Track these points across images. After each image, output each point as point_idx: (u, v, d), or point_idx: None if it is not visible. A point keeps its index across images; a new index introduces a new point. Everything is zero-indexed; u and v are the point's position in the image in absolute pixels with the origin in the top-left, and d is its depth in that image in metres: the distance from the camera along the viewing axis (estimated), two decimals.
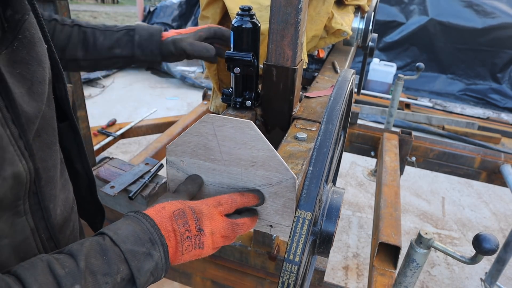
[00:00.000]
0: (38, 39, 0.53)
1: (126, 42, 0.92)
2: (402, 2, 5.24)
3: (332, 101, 0.61)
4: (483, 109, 4.76)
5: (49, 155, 0.55)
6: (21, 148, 0.46)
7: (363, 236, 2.64)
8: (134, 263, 0.47)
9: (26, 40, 0.51)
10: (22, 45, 0.50)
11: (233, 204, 0.60)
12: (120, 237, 0.48)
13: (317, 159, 0.54)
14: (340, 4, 1.38)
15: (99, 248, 0.46)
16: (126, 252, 0.47)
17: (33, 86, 0.50)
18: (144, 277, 0.48)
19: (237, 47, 0.87)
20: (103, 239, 0.48)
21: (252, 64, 0.87)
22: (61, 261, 0.43)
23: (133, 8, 9.41)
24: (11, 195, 0.45)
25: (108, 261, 0.45)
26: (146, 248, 0.48)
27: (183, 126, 2.31)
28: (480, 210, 3.01)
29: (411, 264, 1.03)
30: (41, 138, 0.53)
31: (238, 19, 0.85)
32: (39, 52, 0.53)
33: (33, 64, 0.51)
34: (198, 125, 0.61)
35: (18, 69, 0.49)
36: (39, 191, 0.52)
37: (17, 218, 0.48)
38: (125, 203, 1.25)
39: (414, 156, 2.34)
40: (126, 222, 0.50)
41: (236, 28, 0.85)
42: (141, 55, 0.94)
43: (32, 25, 0.53)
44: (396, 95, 2.72)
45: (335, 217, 0.64)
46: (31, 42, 0.51)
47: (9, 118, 0.45)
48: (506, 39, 4.75)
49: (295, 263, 0.51)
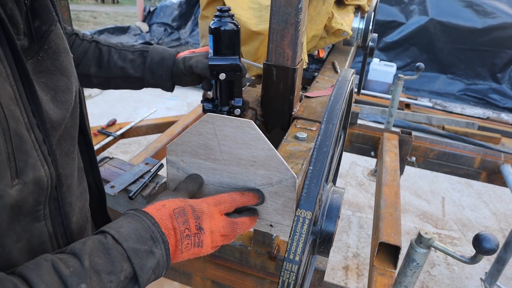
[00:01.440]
0: (63, 49, 0.55)
1: (139, 64, 0.91)
2: (402, 2, 5.24)
3: (332, 101, 0.61)
4: (483, 109, 4.76)
5: (67, 162, 0.56)
6: (44, 153, 0.47)
7: (363, 236, 2.64)
8: (137, 261, 0.47)
9: (51, 51, 0.53)
10: (47, 55, 0.52)
11: (233, 203, 0.60)
12: (122, 235, 0.48)
13: (317, 159, 0.54)
14: (340, 4, 1.39)
15: (102, 247, 0.46)
16: (128, 250, 0.47)
17: (56, 95, 0.52)
18: (146, 274, 0.48)
19: (218, 51, 0.82)
20: (105, 237, 0.48)
21: (240, 68, 0.82)
22: (65, 260, 0.43)
23: (133, 8, 9.41)
24: (32, 200, 0.45)
25: (111, 260, 0.45)
26: (148, 246, 0.49)
27: (183, 126, 2.31)
28: (480, 210, 3.01)
29: (411, 264, 1.03)
30: (61, 146, 0.55)
31: (216, 21, 0.79)
32: (64, 62, 0.54)
33: (57, 74, 0.53)
34: (198, 125, 0.61)
35: (42, 78, 0.51)
36: (60, 197, 0.52)
37: (36, 222, 0.48)
38: (125, 203, 1.25)
39: (414, 156, 2.34)
40: (127, 220, 0.50)
41: (216, 31, 0.79)
42: (150, 78, 0.92)
43: (58, 36, 0.55)
44: (396, 95, 2.72)
45: (335, 216, 0.64)
46: (55, 53, 0.53)
47: (34, 123, 0.46)
48: (506, 39, 4.75)
49: (295, 263, 0.51)
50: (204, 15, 1.18)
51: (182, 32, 6.87)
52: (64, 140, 0.55)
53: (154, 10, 7.31)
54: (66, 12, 1.44)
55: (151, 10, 7.36)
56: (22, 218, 0.46)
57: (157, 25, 7.00)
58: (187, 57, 0.92)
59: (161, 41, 6.59)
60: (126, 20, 8.61)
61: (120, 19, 8.91)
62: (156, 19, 7.12)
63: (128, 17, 9.18)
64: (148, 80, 0.93)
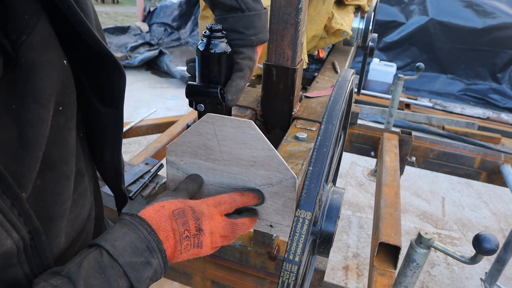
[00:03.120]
0: (42, 64, 0.42)
1: None
2: (402, 2, 5.24)
3: (332, 101, 0.61)
4: (483, 109, 4.76)
5: (65, 186, 0.50)
6: (12, 221, 0.40)
7: (363, 236, 2.64)
8: (133, 274, 0.47)
9: (20, 71, 0.40)
10: (15, 77, 0.40)
11: (233, 203, 0.60)
12: (117, 250, 0.47)
13: (317, 159, 0.54)
14: (340, 4, 1.39)
15: (97, 266, 0.45)
16: (124, 265, 0.47)
17: (23, 131, 0.41)
18: (143, 284, 0.48)
19: (204, 77, 0.70)
20: (100, 255, 0.46)
21: (220, 101, 0.69)
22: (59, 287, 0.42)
23: (133, 8, 9.40)
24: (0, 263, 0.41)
25: (107, 279, 0.45)
26: (144, 258, 0.48)
27: (183, 126, 2.31)
28: (480, 210, 3.01)
29: (411, 264, 1.03)
30: (55, 170, 0.47)
31: (204, 42, 0.67)
32: (39, 85, 0.42)
33: (28, 100, 0.40)
34: (198, 125, 0.61)
35: (13, 105, 0.40)
36: (39, 245, 0.46)
37: (9, 268, 0.43)
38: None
39: (414, 156, 2.34)
40: (122, 231, 0.49)
41: (202, 53, 0.68)
42: None
43: (36, 47, 0.41)
44: (396, 95, 2.72)
45: (335, 217, 0.64)
46: (27, 72, 0.40)
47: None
48: (506, 39, 4.75)
49: (295, 263, 0.51)
50: (204, 15, 1.18)
51: (182, 32, 6.87)
52: (64, 162, 0.48)
53: (154, 10, 7.31)
54: None
55: (151, 10, 7.35)
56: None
57: (157, 25, 7.00)
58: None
59: (161, 41, 6.59)
60: (126, 20, 8.61)
61: (120, 19, 8.91)
62: (156, 19, 7.12)
63: (128, 17, 9.18)
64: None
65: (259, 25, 0.73)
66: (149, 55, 5.62)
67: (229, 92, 0.70)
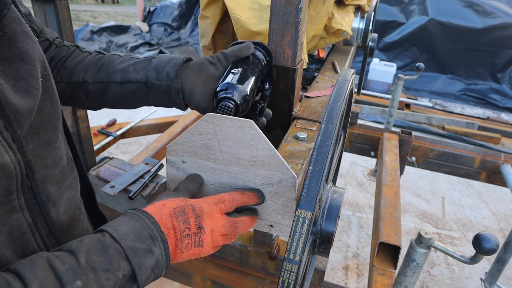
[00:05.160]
0: (21, 34, 0.51)
1: (143, 66, 0.76)
2: (402, 2, 5.24)
3: (332, 101, 0.61)
4: (483, 109, 4.77)
5: (48, 152, 0.54)
6: (7, 139, 0.45)
7: (363, 236, 2.64)
8: (135, 259, 0.47)
9: (6, 37, 0.49)
10: (3, 42, 0.48)
11: (233, 202, 0.60)
12: (120, 233, 0.48)
13: (317, 159, 0.54)
14: (340, 4, 1.39)
15: (100, 245, 0.46)
16: (126, 248, 0.47)
17: (17, 83, 0.48)
18: (145, 273, 0.48)
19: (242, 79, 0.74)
20: (103, 236, 0.47)
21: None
22: (61, 257, 0.43)
23: (133, 8, 9.41)
24: (1, 189, 0.45)
25: (109, 258, 0.45)
26: (146, 245, 0.48)
27: (183, 126, 2.32)
28: (480, 210, 3.01)
29: (411, 264, 1.03)
30: (39, 135, 0.52)
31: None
32: (23, 48, 0.50)
33: (16, 61, 0.49)
34: (198, 125, 0.61)
35: (0, 67, 0.47)
36: (34, 185, 0.51)
37: (13, 214, 0.48)
38: (125, 203, 1.25)
39: (414, 156, 2.34)
40: (126, 219, 0.50)
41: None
42: (155, 79, 0.74)
43: (14, 20, 0.50)
44: (396, 95, 2.73)
45: (335, 216, 0.64)
46: (11, 38, 0.49)
47: None
48: (506, 39, 4.75)
49: (295, 263, 0.51)
50: (204, 15, 1.18)
51: (182, 32, 6.87)
52: (43, 129, 0.53)
53: (154, 10, 7.32)
54: (66, 12, 1.43)
55: (151, 10, 7.36)
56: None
57: (157, 25, 7.01)
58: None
59: (161, 41, 6.60)
60: (126, 20, 8.61)
61: (120, 19, 8.91)
62: (156, 19, 7.13)
63: (128, 17, 9.18)
64: (152, 82, 0.75)
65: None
66: (149, 55, 5.62)
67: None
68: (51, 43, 0.78)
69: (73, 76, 0.77)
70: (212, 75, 0.76)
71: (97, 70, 0.77)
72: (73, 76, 0.77)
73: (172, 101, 0.76)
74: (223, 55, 0.77)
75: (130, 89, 0.76)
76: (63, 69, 0.78)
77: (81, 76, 0.77)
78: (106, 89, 0.77)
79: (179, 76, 0.74)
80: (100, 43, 6.10)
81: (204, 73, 0.76)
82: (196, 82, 0.75)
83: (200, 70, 0.76)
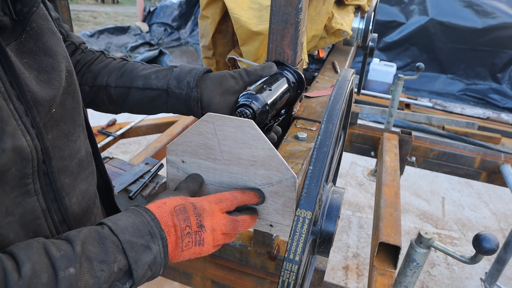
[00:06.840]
0: (47, 30, 0.55)
1: (164, 74, 0.79)
2: (402, 2, 5.24)
3: (332, 100, 0.61)
4: (483, 109, 4.77)
5: (65, 144, 0.56)
6: (26, 124, 0.47)
7: (363, 236, 2.64)
8: (132, 254, 0.47)
9: (33, 32, 0.53)
10: (30, 37, 0.53)
11: (234, 201, 0.60)
12: (119, 227, 0.48)
13: (317, 159, 0.54)
14: (340, 4, 1.39)
15: (97, 236, 0.46)
16: (124, 242, 0.47)
17: (40, 75, 0.52)
18: (141, 269, 0.48)
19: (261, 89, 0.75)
20: (102, 228, 0.48)
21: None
22: (57, 244, 0.44)
23: (133, 8, 9.41)
24: (16, 171, 0.46)
25: (105, 249, 0.45)
26: (145, 241, 0.48)
27: (183, 126, 2.32)
28: (480, 210, 3.01)
29: (411, 264, 1.03)
30: (59, 127, 0.55)
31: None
32: (47, 42, 0.54)
33: (40, 54, 0.53)
34: (198, 124, 0.61)
35: (25, 59, 0.51)
36: (50, 172, 0.52)
37: (27, 197, 0.49)
38: (125, 203, 1.25)
39: (414, 156, 2.34)
40: (126, 214, 0.51)
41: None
42: (176, 87, 0.77)
43: (41, 17, 0.55)
44: (396, 95, 2.73)
45: (335, 216, 0.64)
46: (38, 33, 0.53)
47: (12, 94, 0.46)
48: (506, 39, 4.75)
49: (295, 262, 0.51)
50: (204, 15, 1.18)
51: (182, 32, 6.87)
52: (63, 121, 0.56)
53: (154, 10, 7.32)
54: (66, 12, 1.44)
55: (151, 10, 7.36)
56: (9, 190, 0.46)
57: (157, 25, 7.00)
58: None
59: (161, 41, 6.60)
60: (126, 20, 8.61)
61: (120, 19, 8.91)
62: (156, 19, 7.12)
63: (128, 17, 9.18)
64: (173, 90, 0.77)
65: None
66: (149, 55, 5.63)
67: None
68: (77, 48, 0.82)
69: (97, 80, 0.80)
70: (232, 89, 0.78)
71: (120, 75, 0.80)
72: (97, 79, 0.80)
73: (191, 109, 0.78)
74: (245, 72, 0.80)
75: (150, 96, 0.79)
76: (88, 72, 0.81)
77: (105, 80, 0.80)
78: (127, 94, 0.80)
79: (199, 86, 0.77)
80: (99, 45, 6.09)
81: (224, 85, 0.78)
82: (215, 93, 0.77)
83: (220, 82, 0.78)
